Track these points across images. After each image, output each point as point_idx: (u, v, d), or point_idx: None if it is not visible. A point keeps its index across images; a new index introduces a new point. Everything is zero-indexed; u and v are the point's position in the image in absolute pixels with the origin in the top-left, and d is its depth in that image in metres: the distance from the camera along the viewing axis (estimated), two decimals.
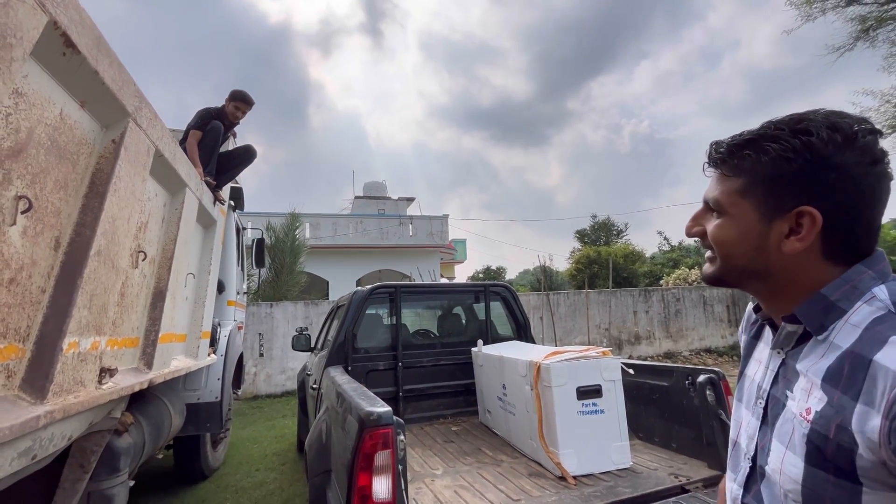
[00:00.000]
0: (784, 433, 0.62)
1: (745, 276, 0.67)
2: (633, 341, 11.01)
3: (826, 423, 0.56)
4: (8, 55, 1.13)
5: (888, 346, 0.52)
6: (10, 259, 1.26)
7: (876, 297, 0.57)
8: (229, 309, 4.79)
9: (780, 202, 0.61)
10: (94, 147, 1.72)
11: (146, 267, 2.35)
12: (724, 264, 0.68)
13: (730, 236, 0.66)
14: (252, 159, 4.12)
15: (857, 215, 0.59)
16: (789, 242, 0.61)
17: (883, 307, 0.56)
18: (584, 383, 2.12)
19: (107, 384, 1.74)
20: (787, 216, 0.60)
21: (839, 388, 0.56)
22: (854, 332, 0.57)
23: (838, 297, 0.60)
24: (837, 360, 0.57)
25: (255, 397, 8.61)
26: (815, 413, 0.58)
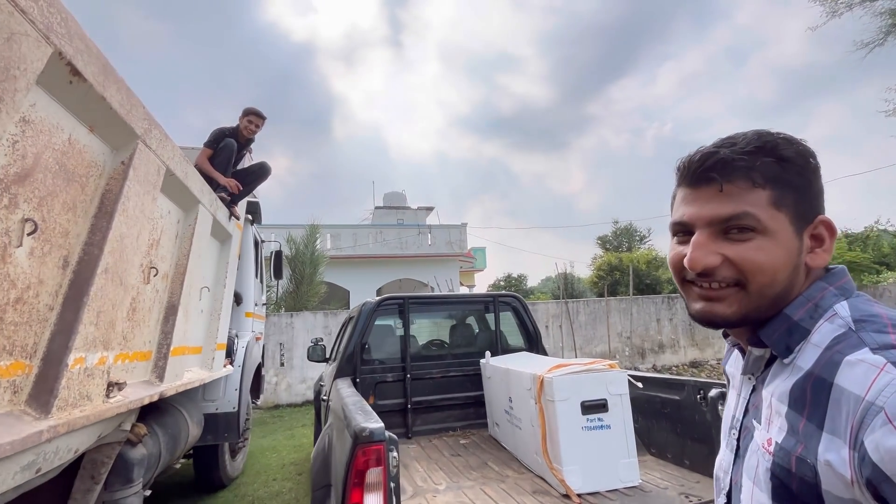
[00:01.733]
0: (750, 467, 0.58)
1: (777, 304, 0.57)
2: (657, 350, 10.71)
3: (787, 456, 0.51)
4: (12, 86, 1.19)
5: (846, 367, 0.48)
6: (16, 279, 1.32)
7: (837, 314, 0.54)
8: (247, 320, 4.89)
9: (806, 212, 0.57)
10: (103, 169, 1.79)
11: (158, 282, 2.43)
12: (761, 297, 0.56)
13: (776, 259, 0.55)
14: (266, 175, 4.22)
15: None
16: (818, 255, 0.57)
17: (843, 325, 0.52)
18: (588, 397, 2.07)
19: (115, 398, 1.79)
20: (811, 226, 0.57)
21: (804, 414, 0.51)
22: (815, 353, 0.53)
23: (801, 317, 0.56)
24: (800, 384, 0.53)
25: (275, 406, 8.74)
26: (776, 445, 0.53)
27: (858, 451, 0.44)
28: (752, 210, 0.56)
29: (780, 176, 0.56)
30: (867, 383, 0.45)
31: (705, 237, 0.58)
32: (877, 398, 0.44)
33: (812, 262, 0.57)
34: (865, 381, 0.46)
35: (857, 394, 0.46)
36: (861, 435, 0.44)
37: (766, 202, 0.56)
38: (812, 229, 0.57)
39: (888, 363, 0.45)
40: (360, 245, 15.49)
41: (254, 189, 4.26)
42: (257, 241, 5.46)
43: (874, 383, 0.45)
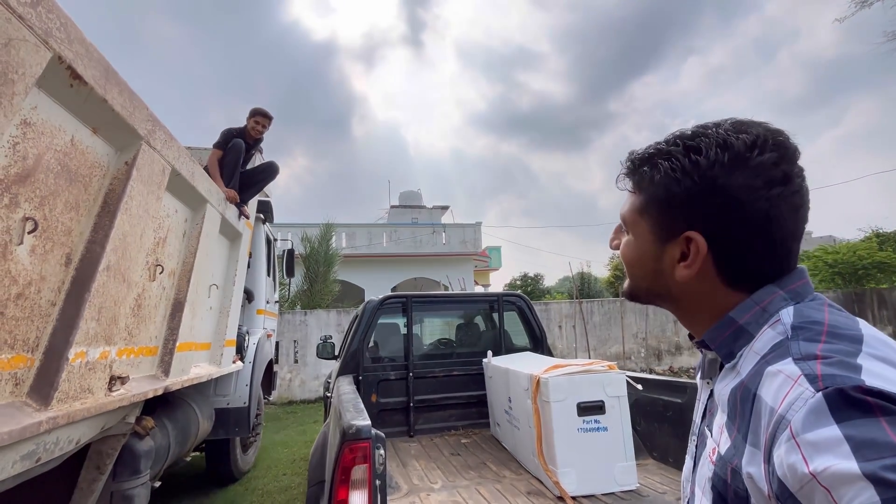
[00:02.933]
0: (701, 477, 0.56)
1: (652, 296, 0.63)
2: (673, 352, 10.49)
3: (724, 466, 0.50)
4: (10, 90, 1.24)
5: (766, 378, 0.46)
6: (17, 276, 1.37)
7: (780, 319, 0.51)
8: (258, 317, 4.98)
9: (670, 225, 0.56)
10: (107, 169, 1.85)
11: (165, 279, 2.49)
12: (632, 282, 0.65)
13: (630, 256, 0.63)
14: (274, 175, 4.28)
15: (747, 242, 0.52)
16: (679, 269, 0.56)
17: (783, 331, 0.50)
18: (585, 399, 2.04)
19: (117, 391, 1.85)
20: (678, 240, 0.56)
21: (735, 425, 0.50)
22: (753, 360, 0.51)
23: (747, 321, 0.53)
24: (733, 393, 0.51)
25: (289, 402, 8.89)
26: (719, 455, 0.51)
27: (770, 465, 0.43)
28: (624, 213, 0.63)
29: (649, 187, 0.58)
30: (781, 395, 0.44)
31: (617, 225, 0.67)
32: (787, 412, 0.42)
33: (676, 275, 0.56)
34: (780, 392, 0.44)
35: (771, 405, 0.44)
36: (773, 449, 0.42)
37: (634, 208, 0.61)
38: (682, 242, 0.55)
39: (802, 375, 0.43)
40: (375, 244, 15.61)
41: (262, 188, 4.33)
42: (269, 240, 5.55)
43: (787, 396, 0.43)
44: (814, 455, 0.38)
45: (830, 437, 0.38)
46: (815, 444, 0.38)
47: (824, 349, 0.45)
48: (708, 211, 0.53)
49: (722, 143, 0.53)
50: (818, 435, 0.39)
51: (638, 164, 0.60)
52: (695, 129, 0.57)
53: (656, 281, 0.60)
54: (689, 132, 0.57)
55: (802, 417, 0.40)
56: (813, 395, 0.41)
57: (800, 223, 0.54)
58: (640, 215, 0.60)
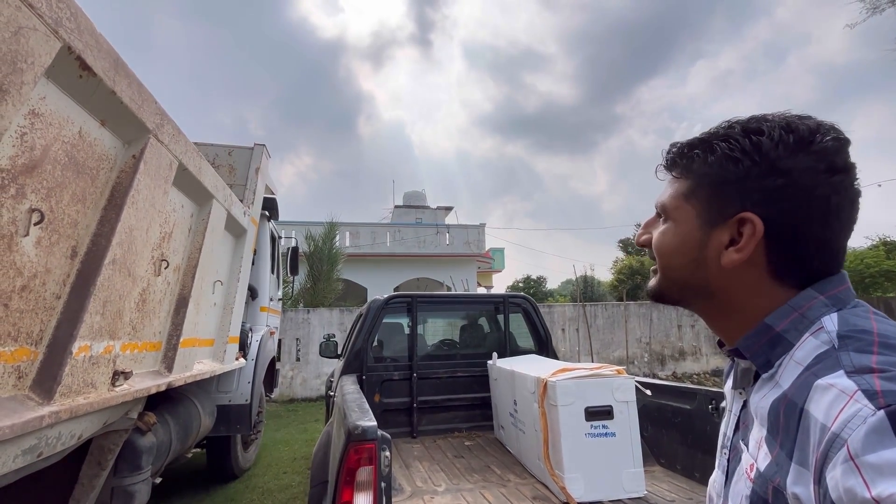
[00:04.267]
0: (736, 493, 0.53)
1: (685, 292, 0.59)
2: (678, 357, 10.43)
3: (765, 485, 0.47)
4: (18, 79, 1.22)
5: (816, 392, 0.43)
6: (22, 268, 1.35)
7: (824, 327, 0.48)
8: (262, 315, 4.97)
9: (722, 207, 0.53)
10: (114, 162, 1.83)
11: (170, 274, 2.47)
12: (664, 277, 0.60)
13: (670, 244, 0.58)
14: None
15: (805, 229, 0.50)
16: (727, 253, 0.52)
17: (828, 340, 0.47)
18: (593, 403, 2.01)
19: (120, 386, 1.83)
20: (729, 223, 0.53)
21: (777, 441, 0.46)
22: (796, 371, 0.48)
23: (785, 328, 0.50)
24: (775, 407, 0.48)
25: (291, 400, 8.87)
26: (757, 471, 0.48)
27: (821, 487, 0.39)
28: (665, 200, 0.60)
29: (700, 169, 0.56)
30: (835, 412, 0.40)
31: (651, 219, 0.64)
32: (842, 430, 0.39)
33: (722, 261, 0.53)
34: (833, 409, 0.41)
35: (823, 423, 0.41)
36: (825, 469, 0.39)
37: (679, 193, 0.58)
38: (734, 225, 0.52)
39: (859, 391, 0.40)
40: (379, 243, 15.60)
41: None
42: (274, 237, 5.54)
43: (841, 412, 0.40)
44: (876, 479, 0.35)
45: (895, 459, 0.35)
46: (878, 468, 0.36)
47: (880, 362, 0.41)
48: (767, 192, 0.50)
49: (785, 126, 0.51)
50: (881, 457, 0.36)
51: (688, 148, 0.58)
52: (752, 116, 0.55)
53: (696, 272, 0.56)
54: (745, 118, 0.55)
55: (862, 437, 0.37)
56: (873, 413, 0.38)
57: (853, 218, 0.51)
58: (686, 199, 0.57)
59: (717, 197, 0.54)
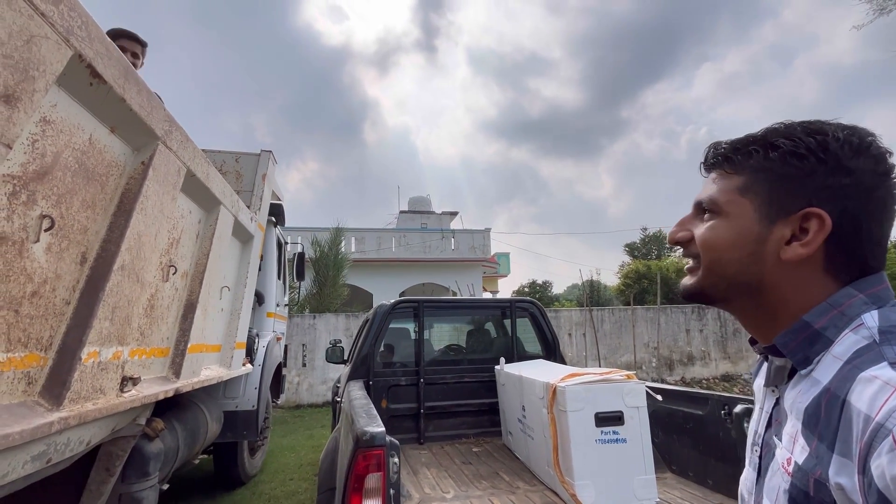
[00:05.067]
0: (772, 488, 0.54)
1: (731, 289, 0.58)
2: (686, 362, 10.32)
3: (805, 477, 0.48)
4: (30, 87, 1.23)
5: (858, 384, 0.44)
6: (32, 274, 1.36)
7: (864, 324, 0.49)
8: (268, 320, 4.98)
9: (785, 202, 0.54)
10: (123, 169, 1.84)
11: (178, 280, 2.48)
12: (710, 273, 0.59)
13: (723, 238, 0.57)
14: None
15: (866, 226, 0.51)
16: (791, 248, 0.53)
17: (868, 336, 0.47)
18: (603, 409, 1.98)
19: (129, 392, 1.83)
20: (792, 218, 0.53)
21: (816, 433, 0.48)
22: (835, 366, 0.49)
23: (824, 325, 0.51)
24: (815, 400, 0.49)
25: (297, 406, 8.87)
26: (795, 465, 0.49)
27: (866, 477, 0.41)
28: (715, 195, 0.59)
29: (760, 164, 0.56)
30: (879, 403, 0.41)
31: (687, 216, 0.64)
32: (887, 420, 0.40)
33: (784, 255, 0.53)
34: (877, 400, 0.41)
35: (867, 413, 0.42)
36: (869, 459, 0.40)
37: (732, 188, 0.58)
38: (798, 220, 0.52)
39: None
40: (384, 249, 15.63)
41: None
42: (280, 243, 5.56)
43: (886, 403, 0.40)
44: None
45: None
46: None
47: None
48: (834, 189, 0.51)
49: (845, 129, 0.53)
50: None
51: (742, 145, 0.58)
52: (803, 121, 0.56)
53: (750, 266, 0.55)
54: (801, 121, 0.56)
55: None
56: None
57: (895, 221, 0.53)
58: (742, 194, 0.57)
59: (780, 192, 0.54)
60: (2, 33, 1.13)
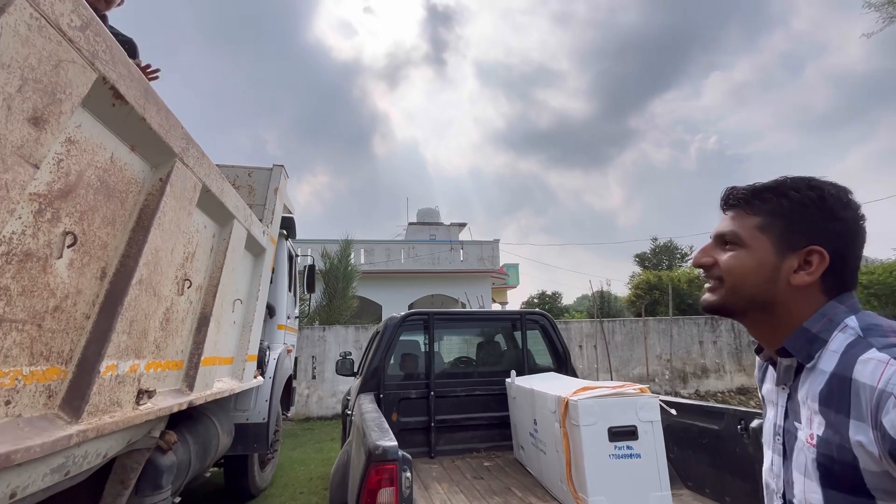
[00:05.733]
0: (800, 463, 0.68)
1: (750, 306, 0.74)
2: (700, 374, 10.13)
3: (828, 444, 0.62)
4: (57, 109, 1.28)
5: (860, 364, 0.61)
6: (55, 289, 1.40)
7: (848, 325, 0.67)
8: (279, 333, 5.01)
9: (794, 240, 0.71)
10: (142, 185, 1.89)
11: (192, 294, 2.52)
12: (732, 292, 0.74)
13: (747, 266, 0.73)
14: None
15: (851, 259, 0.70)
16: (800, 276, 0.70)
17: (853, 333, 0.66)
18: (617, 423, 1.96)
19: (144, 405, 1.85)
20: (799, 252, 0.70)
21: (832, 408, 0.63)
22: (834, 357, 0.66)
23: (819, 329, 0.69)
24: (826, 384, 0.65)
25: (307, 419, 8.85)
26: (818, 437, 0.64)
27: (879, 430, 0.56)
28: (738, 230, 0.75)
29: (774, 209, 0.73)
30: (878, 375, 0.58)
31: (709, 245, 0.80)
32: (886, 386, 0.56)
33: (794, 281, 0.70)
34: (876, 373, 0.58)
35: (870, 384, 0.58)
36: (879, 416, 0.56)
37: (753, 226, 0.74)
38: (803, 255, 0.70)
39: (891, 359, 0.58)
40: (393, 260, 15.68)
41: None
42: (291, 256, 5.62)
43: (883, 375, 0.58)
44: None
45: None
46: None
47: None
48: (829, 233, 0.69)
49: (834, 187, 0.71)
50: None
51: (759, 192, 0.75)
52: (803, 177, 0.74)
53: (767, 288, 0.72)
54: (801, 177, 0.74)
55: None
56: None
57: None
58: (762, 232, 0.73)
59: (791, 232, 0.71)
60: (32, 59, 1.18)
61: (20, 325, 1.27)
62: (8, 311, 1.23)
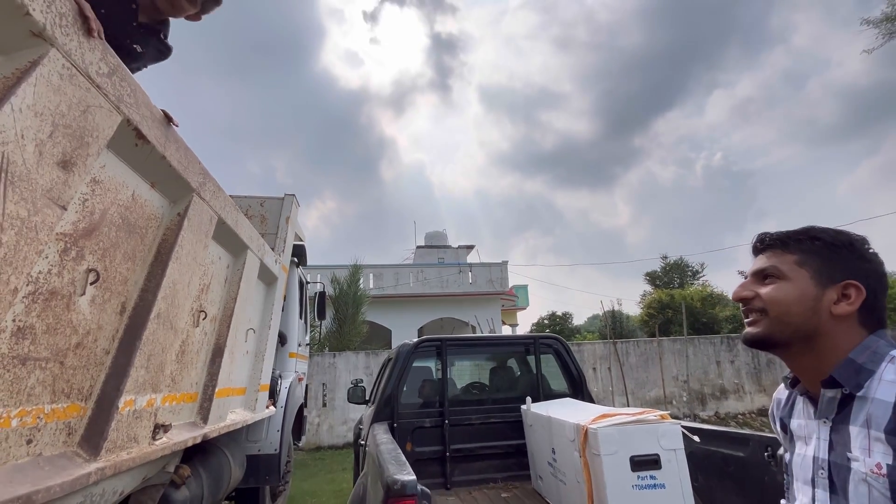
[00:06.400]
0: (861, 494, 0.68)
1: (795, 336, 0.78)
2: (719, 395, 9.86)
3: None
4: (85, 152, 1.33)
5: None
6: (78, 326, 1.42)
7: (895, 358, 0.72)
8: (290, 361, 4.99)
9: (832, 274, 0.78)
10: (161, 220, 1.94)
11: (207, 325, 2.54)
12: (778, 322, 0.79)
13: (790, 296, 0.78)
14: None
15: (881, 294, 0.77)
16: (840, 306, 0.76)
17: None
18: (639, 452, 1.91)
19: (160, 440, 1.85)
20: (837, 286, 0.77)
21: None
22: (891, 388, 0.69)
23: (864, 361, 0.73)
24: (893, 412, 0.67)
25: (317, 448, 8.71)
26: (888, 466, 0.65)
27: None
28: (778, 264, 0.82)
29: (809, 248, 0.80)
30: None
31: (748, 281, 0.86)
32: None
33: (835, 311, 0.76)
34: None
35: None
36: None
37: (791, 261, 0.81)
38: (841, 288, 0.76)
39: None
40: (402, 284, 15.68)
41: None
42: (302, 283, 5.65)
43: None
44: None
45: None
46: None
47: None
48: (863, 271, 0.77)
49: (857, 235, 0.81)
50: None
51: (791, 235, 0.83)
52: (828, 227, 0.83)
53: (811, 318, 0.77)
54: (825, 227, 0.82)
55: None
56: None
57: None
58: (800, 266, 0.80)
59: (827, 267, 0.78)
60: (63, 106, 1.24)
61: (43, 364, 1.29)
62: (33, 350, 1.25)
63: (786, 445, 0.88)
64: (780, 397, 0.92)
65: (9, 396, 1.18)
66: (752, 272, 0.85)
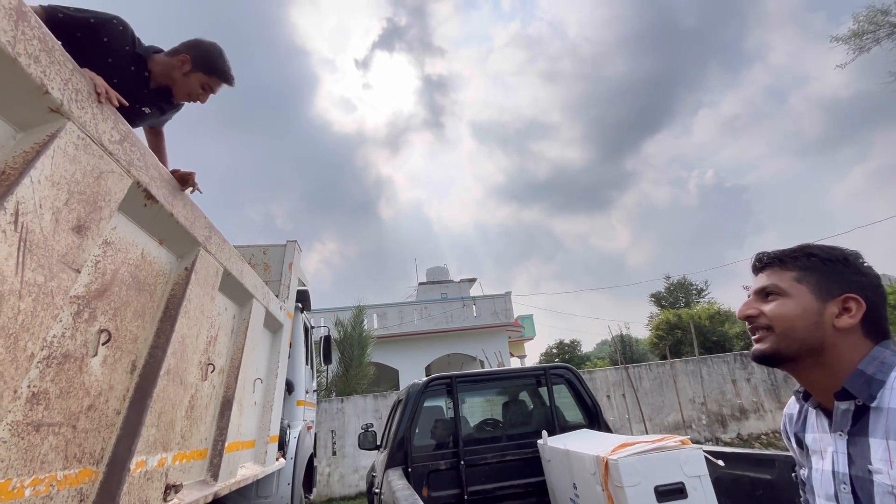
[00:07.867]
0: None
1: (802, 350, 0.80)
2: (738, 416, 9.58)
3: None
4: (98, 216, 1.38)
5: None
6: (90, 387, 1.42)
7: None
8: (298, 409, 4.89)
9: (830, 289, 0.80)
10: (169, 276, 1.97)
11: (215, 378, 2.52)
12: (784, 337, 0.81)
13: (793, 311, 0.81)
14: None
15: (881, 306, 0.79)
16: (843, 319, 0.78)
17: None
18: (663, 481, 1.85)
19: (171, 501, 1.80)
20: (837, 300, 0.79)
21: None
22: None
23: (874, 371, 0.75)
24: None
25: (329, 500, 8.38)
26: None
27: None
28: (778, 282, 0.84)
29: (805, 264, 0.83)
30: None
31: (751, 299, 0.88)
32: None
33: (838, 324, 0.78)
34: None
35: None
36: None
37: (791, 278, 0.84)
38: (841, 302, 0.79)
39: None
40: (406, 322, 15.55)
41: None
42: (307, 328, 5.62)
43: None
44: None
45: None
46: None
47: None
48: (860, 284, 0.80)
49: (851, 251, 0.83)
50: None
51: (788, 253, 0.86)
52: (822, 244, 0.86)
53: (816, 331, 0.79)
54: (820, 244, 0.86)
55: None
56: None
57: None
58: (799, 282, 0.83)
59: (825, 282, 0.81)
60: (78, 174, 1.29)
61: (57, 429, 1.29)
62: (46, 416, 1.25)
63: (802, 461, 0.89)
64: (791, 412, 0.93)
65: (22, 465, 1.17)
66: (754, 291, 0.87)
